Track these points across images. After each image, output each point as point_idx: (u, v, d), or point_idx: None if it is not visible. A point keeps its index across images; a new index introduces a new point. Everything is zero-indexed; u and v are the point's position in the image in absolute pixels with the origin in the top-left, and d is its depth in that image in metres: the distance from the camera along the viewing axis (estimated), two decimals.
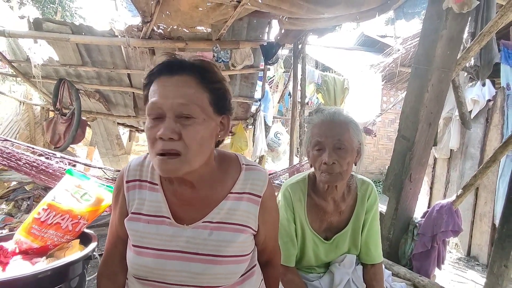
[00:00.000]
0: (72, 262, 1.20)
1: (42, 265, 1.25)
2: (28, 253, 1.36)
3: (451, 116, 4.19)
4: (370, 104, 5.01)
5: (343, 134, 1.15)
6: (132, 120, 4.80)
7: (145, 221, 0.80)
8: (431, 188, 4.95)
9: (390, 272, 1.53)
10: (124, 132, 6.14)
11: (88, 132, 4.87)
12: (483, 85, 2.50)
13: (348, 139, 1.15)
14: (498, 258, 1.56)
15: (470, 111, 4.07)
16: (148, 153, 0.82)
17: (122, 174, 0.86)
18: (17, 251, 1.33)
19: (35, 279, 1.11)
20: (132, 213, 0.82)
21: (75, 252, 1.34)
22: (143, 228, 0.80)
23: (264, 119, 4.98)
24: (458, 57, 2.05)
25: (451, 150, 4.44)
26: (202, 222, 0.80)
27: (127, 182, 0.84)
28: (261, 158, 5.10)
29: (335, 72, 6.40)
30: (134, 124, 5.11)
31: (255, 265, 0.90)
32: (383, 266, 1.42)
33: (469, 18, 2.01)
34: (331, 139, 1.14)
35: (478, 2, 1.88)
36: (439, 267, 2.09)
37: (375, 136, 5.03)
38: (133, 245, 0.80)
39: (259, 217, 0.85)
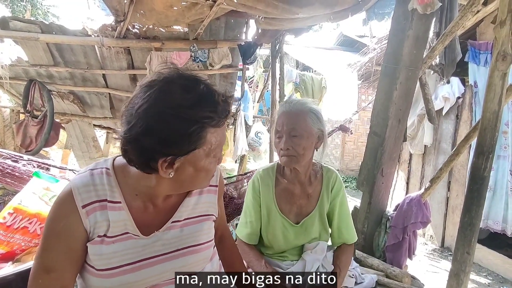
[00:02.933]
0: None
1: (8, 270, 1.21)
2: None
3: (424, 114, 4.37)
4: (346, 102, 5.14)
5: (298, 122, 1.26)
6: (109, 121, 4.69)
7: (109, 243, 0.75)
8: (407, 183, 5.14)
9: (357, 264, 1.60)
10: (101, 134, 5.99)
11: (63, 134, 4.72)
12: (448, 82, 2.63)
13: (303, 127, 1.27)
14: (461, 245, 1.64)
15: (442, 108, 4.26)
16: (94, 170, 0.78)
17: (70, 200, 0.73)
18: None
19: (5, 283, 1.08)
20: (97, 236, 0.74)
21: None
22: (108, 249, 0.74)
23: (245, 119, 5.00)
24: (424, 56, 2.14)
25: (425, 146, 4.63)
26: (171, 223, 0.83)
27: (84, 206, 0.73)
28: (243, 157, 5.12)
29: (314, 71, 6.51)
30: (111, 125, 4.99)
31: (214, 248, 0.96)
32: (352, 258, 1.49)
33: (434, 18, 2.11)
34: (287, 128, 1.27)
35: (441, 4, 1.97)
36: (410, 257, 2.18)
37: (351, 133, 5.16)
38: (103, 269, 0.74)
39: (218, 202, 0.96)
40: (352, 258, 1.52)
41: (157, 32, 3.51)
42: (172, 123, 0.68)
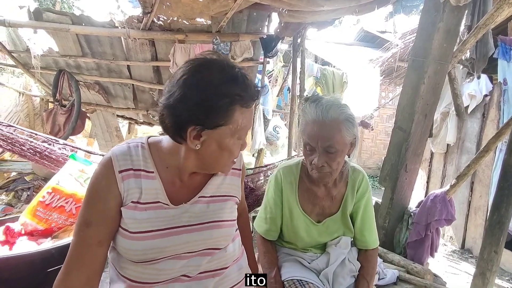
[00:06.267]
0: None
1: (48, 244, 1.29)
2: (33, 235, 1.39)
3: (448, 111, 4.24)
4: (368, 98, 5.05)
5: (334, 136, 1.14)
6: (131, 112, 4.82)
7: (142, 209, 0.81)
8: (427, 182, 5.02)
9: (381, 260, 1.58)
10: (123, 125, 6.16)
11: (88, 124, 4.89)
12: (478, 77, 2.54)
13: (339, 141, 1.14)
14: (488, 244, 1.61)
15: (467, 106, 4.12)
16: (130, 143, 0.86)
17: (110, 164, 0.81)
18: (23, 232, 1.37)
19: (41, 257, 1.15)
20: (131, 202, 0.80)
21: None
22: (141, 215, 0.80)
23: (264, 113, 5.01)
24: (454, 50, 2.08)
25: (447, 144, 4.50)
26: (199, 197, 0.89)
27: (120, 172, 0.81)
28: (260, 151, 5.14)
29: (334, 66, 6.43)
30: (133, 116, 5.13)
31: (237, 229, 1.02)
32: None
33: (466, 11, 2.04)
34: (322, 143, 1.14)
35: None
36: (432, 255, 2.14)
37: (372, 129, 5.09)
38: (135, 232, 0.80)
39: (240, 185, 1.01)
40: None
41: (181, 24, 3.56)
42: (205, 94, 0.75)
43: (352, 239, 1.42)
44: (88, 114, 4.66)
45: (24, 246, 1.27)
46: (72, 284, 0.77)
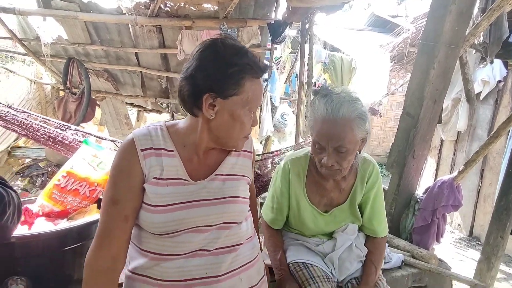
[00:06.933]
0: (93, 222, 1.30)
1: (64, 225, 1.35)
2: (50, 216, 1.46)
3: (460, 98, 4.16)
4: (377, 84, 4.97)
5: (345, 136, 1.09)
6: (140, 99, 4.87)
7: (163, 185, 0.87)
8: (436, 170, 4.98)
9: (387, 244, 1.59)
10: (132, 112, 6.23)
11: (98, 111, 4.96)
12: (491, 62, 2.48)
13: (351, 140, 1.10)
14: (495, 229, 1.61)
15: (480, 92, 4.03)
16: (149, 126, 0.94)
17: (132, 144, 0.87)
18: (41, 213, 1.44)
19: (58, 236, 1.21)
20: (153, 178, 0.87)
21: (94, 215, 1.44)
22: (163, 190, 0.87)
23: (271, 100, 5.00)
24: (466, 33, 2.03)
25: (458, 132, 4.43)
26: (215, 175, 0.95)
27: (142, 150, 0.87)
28: (268, 138, 5.16)
29: (343, 52, 6.32)
30: (142, 104, 5.18)
31: (249, 210, 1.08)
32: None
33: None
34: (332, 143, 1.11)
35: None
36: (438, 241, 2.16)
37: (380, 116, 5.03)
38: (157, 205, 0.86)
39: (252, 168, 1.06)
40: None
41: (187, 10, 3.54)
42: (218, 63, 0.85)
43: (359, 226, 1.42)
44: (98, 102, 4.72)
45: (42, 226, 1.33)
46: (103, 255, 0.84)
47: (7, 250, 1.07)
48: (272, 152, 2.92)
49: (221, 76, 0.84)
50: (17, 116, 1.59)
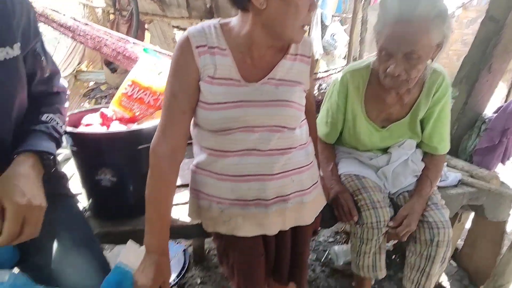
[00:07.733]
0: None
1: (136, 127, 1.49)
2: (122, 120, 1.62)
3: None
4: None
5: (420, 40, 0.97)
6: (186, 21, 4.78)
7: (217, 84, 0.89)
8: (507, 96, 4.42)
9: (445, 163, 1.53)
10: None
11: (147, 35, 5.02)
12: None
13: (425, 45, 0.98)
14: None
15: None
16: (203, 24, 0.91)
17: (187, 41, 0.88)
18: (114, 118, 1.60)
19: (132, 135, 1.35)
20: (208, 76, 0.88)
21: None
22: (216, 89, 0.89)
23: (322, 18, 4.57)
24: None
25: None
26: (268, 79, 0.93)
27: (197, 47, 0.87)
28: (316, 61, 4.89)
29: None
30: (187, 26, 5.09)
31: (305, 118, 1.06)
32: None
33: None
34: (403, 47, 0.99)
35: None
36: (503, 162, 2.02)
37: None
38: (212, 103, 0.89)
39: (309, 78, 1.01)
40: None
41: None
42: None
43: (417, 142, 1.37)
44: (146, 25, 4.75)
45: (118, 128, 1.49)
46: (164, 143, 0.91)
47: (97, 144, 1.23)
48: (327, 71, 2.77)
49: None
50: (83, 27, 1.66)
